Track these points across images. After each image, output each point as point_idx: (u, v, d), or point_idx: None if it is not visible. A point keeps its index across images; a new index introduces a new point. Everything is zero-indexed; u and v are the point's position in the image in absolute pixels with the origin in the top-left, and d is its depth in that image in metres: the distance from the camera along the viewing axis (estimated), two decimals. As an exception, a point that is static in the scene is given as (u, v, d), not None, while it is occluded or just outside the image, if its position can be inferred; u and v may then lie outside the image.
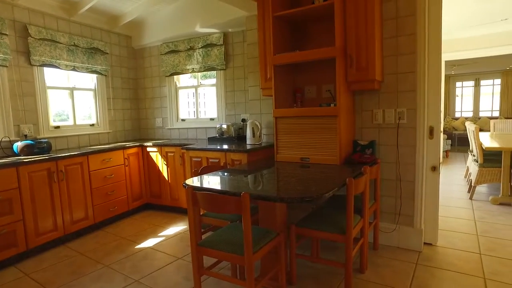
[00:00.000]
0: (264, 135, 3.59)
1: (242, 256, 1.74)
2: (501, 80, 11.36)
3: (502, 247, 2.82)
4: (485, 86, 11.79)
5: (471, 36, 6.59)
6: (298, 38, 3.12)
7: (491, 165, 4.14)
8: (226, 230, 2.04)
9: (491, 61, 9.42)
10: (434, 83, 2.69)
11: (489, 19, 5.44)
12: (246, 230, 1.67)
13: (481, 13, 5.16)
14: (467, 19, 5.44)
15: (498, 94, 11.48)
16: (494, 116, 11.35)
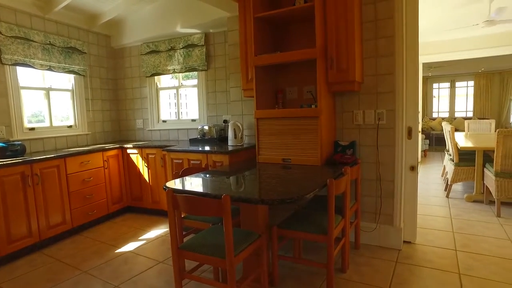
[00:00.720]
0: (246, 136, 3.58)
1: (224, 259, 1.72)
2: (474, 82, 11.79)
3: (475, 243, 2.91)
4: (460, 87, 12.21)
5: (446, 40, 6.81)
6: (279, 39, 3.13)
7: (466, 164, 4.28)
8: (207, 233, 2.01)
9: (465, 64, 9.75)
10: (412, 85, 2.76)
11: (462, 24, 5.63)
12: (227, 232, 1.66)
13: (455, 18, 5.34)
14: (443, 23, 5.62)
15: (472, 95, 11.91)
16: (469, 116, 11.77)
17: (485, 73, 11.51)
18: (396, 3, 2.63)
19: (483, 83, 11.58)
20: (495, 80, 11.46)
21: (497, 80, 11.45)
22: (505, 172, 3.62)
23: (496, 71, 11.35)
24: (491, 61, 9.39)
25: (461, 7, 4.82)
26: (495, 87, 11.50)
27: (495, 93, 11.52)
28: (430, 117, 12.27)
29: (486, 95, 11.59)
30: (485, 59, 8.62)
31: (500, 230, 3.21)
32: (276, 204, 1.66)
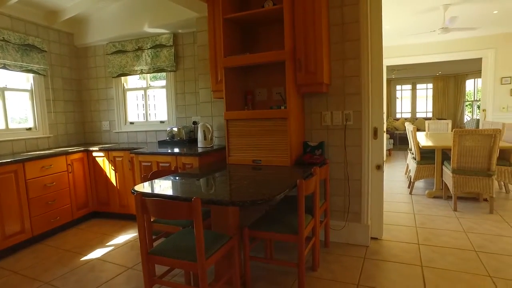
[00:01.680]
0: (215, 138, 3.56)
1: (195, 263, 1.70)
2: (433, 84, 12.47)
3: (436, 237, 3.07)
4: (420, 89, 12.85)
5: (408, 44, 7.15)
6: (248, 41, 3.14)
7: (427, 162, 4.50)
8: (178, 236, 1.98)
9: (425, 67, 10.29)
10: (377, 86, 2.86)
11: (421, 30, 5.95)
12: (198, 235, 1.64)
13: (415, 24, 5.63)
14: (404, 29, 5.89)
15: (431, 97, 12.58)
16: (429, 117, 12.41)
17: (442, 77, 12.20)
18: (361, 8, 2.73)
19: (440, 85, 12.27)
20: (451, 83, 12.17)
21: (452, 83, 12.17)
22: (460, 169, 3.85)
23: (451, 74, 12.06)
24: (447, 65, 9.98)
25: (419, 14, 5.09)
26: (451, 90, 12.21)
27: (451, 95, 12.24)
28: (394, 117, 12.81)
29: (443, 97, 12.28)
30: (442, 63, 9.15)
31: (456, 223, 3.41)
32: (247, 205, 1.66)
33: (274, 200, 1.75)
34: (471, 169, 3.81)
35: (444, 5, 4.68)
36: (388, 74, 10.58)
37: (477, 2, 4.70)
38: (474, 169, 3.80)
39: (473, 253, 2.72)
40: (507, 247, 2.81)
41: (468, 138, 3.76)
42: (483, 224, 3.36)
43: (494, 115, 6.61)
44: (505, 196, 4.41)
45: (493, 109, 6.64)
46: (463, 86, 11.99)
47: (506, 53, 6.48)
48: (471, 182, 3.82)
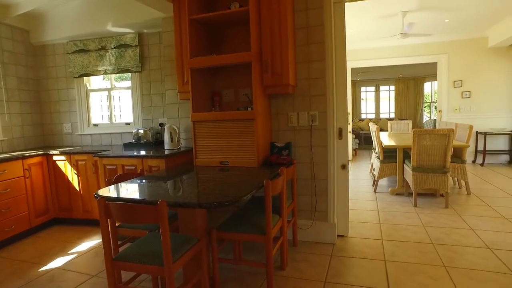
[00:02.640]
0: (182, 140, 3.52)
1: (162, 267, 1.67)
2: (395, 86, 13.05)
3: (398, 232, 3.22)
4: (383, 91, 13.40)
5: (371, 47, 7.44)
6: (215, 42, 3.14)
7: (389, 161, 4.70)
8: (144, 241, 1.94)
9: (387, 70, 10.75)
10: (341, 88, 2.96)
11: (383, 34, 6.21)
12: (165, 239, 1.62)
13: (377, 29, 5.87)
14: (367, 33, 6.13)
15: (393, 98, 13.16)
16: (391, 117, 12.97)
17: (403, 79, 12.80)
18: (325, 12, 2.81)
19: (401, 87, 12.86)
20: (411, 85, 12.80)
21: (412, 85, 12.80)
22: (420, 167, 4.06)
23: (411, 77, 12.69)
24: (407, 68, 10.50)
25: (381, 19, 5.31)
26: (411, 92, 12.84)
27: (411, 97, 12.87)
28: (359, 118, 13.25)
29: (404, 98, 12.89)
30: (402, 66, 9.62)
31: (416, 218, 3.59)
32: (214, 207, 1.66)
33: (241, 201, 1.76)
34: (429, 167, 4.03)
35: (403, 12, 4.92)
36: (353, 76, 10.94)
37: (431, 11, 4.99)
38: (431, 166, 4.02)
39: (430, 245, 2.87)
40: (460, 239, 3.00)
41: (426, 137, 3.97)
42: (440, 218, 3.56)
43: (449, 116, 7.04)
44: (458, 191, 4.70)
45: (447, 110, 7.06)
46: (422, 88, 12.65)
47: (457, 59, 6.94)
48: (429, 179, 4.04)
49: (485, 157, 6.72)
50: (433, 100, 12.26)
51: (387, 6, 4.69)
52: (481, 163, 6.79)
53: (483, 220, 3.48)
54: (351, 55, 7.46)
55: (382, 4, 4.60)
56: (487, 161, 6.87)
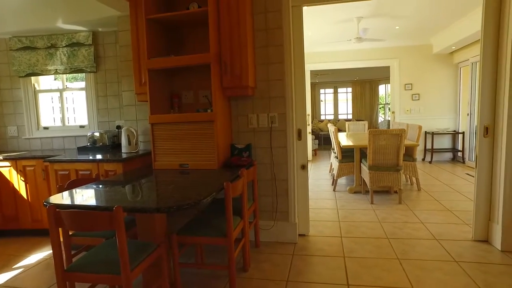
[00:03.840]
0: (141, 143, 3.41)
1: (119, 276, 1.60)
2: (352, 88, 13.60)
3: (356, 228, 3.35)
4: (341, 93, 13.91)
5: (329, 51, 7.69)
6: (174, 43, 3.08)
7: (347, 160, 4.88)
8: (100, 249, 1.85)
9: (344, 73, 11.17)
10: (300, 90, 3.02)
11: (340, 38, 6.45)
12: (122, 247, 1.55)
13: (334, 33, 6.08)
14: (325, 36, 6.33)
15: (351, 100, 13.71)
16: (349, 118, 13.49)
17: (360, 82, 13.38)
18: (283, 14, 2.86)
19: (358, 90, 13.44)
20: (367, 87, 13.42)
21: (368, 88, 13.42)
22: (375, 165, 4.26)
23: (367, 80, 13.30)
24: (363, 71, 10.98)
25: (337, 24, 5.51)
26: (367, 94, 13.46)
27: (367, 99, 13.49)
28: (319, 119, 13.64)
29: (361, 100, 13.47)
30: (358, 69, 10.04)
31: (373, 215, 3.77)
32: (173, 211, 1.63)
33: (201, 204, 1.74)
34: (384, 166, 4.24)
35: (357, 17, 5.14)
36: (312, 79, 11.24)
37: (383, 18, 5.27)
38: (386, 165, 4.23)
39: (385, 240, 3.02)
40: (411, 232, 3.19)
41: (381, 137, 4.18)
42: (394, 214, 3.76)
43: (401, 117, 7.46)
44: (410, 187, 5.00)
45: (400, 112, 7.48)
46: (377, 91, 13.30)
47: (407, 63, 7.39)
48: (384, 177, 4.25)
49: (433, 155, 7.21)
50: (387, 102, 12.93)
51: (343, 12, 4.88)
52: (429, 160, 7.27)
53: (431, 213, 3.72)
54: (310, 58, 7.67)
55: (338, 10, 4.78)
56: (434, 159, 7.36)
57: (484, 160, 2.83)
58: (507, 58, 2.59)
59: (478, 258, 2.61)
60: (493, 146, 2.79)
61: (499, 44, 2.69)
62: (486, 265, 2.51)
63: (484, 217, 2.89)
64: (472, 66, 6.29)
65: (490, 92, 2.76)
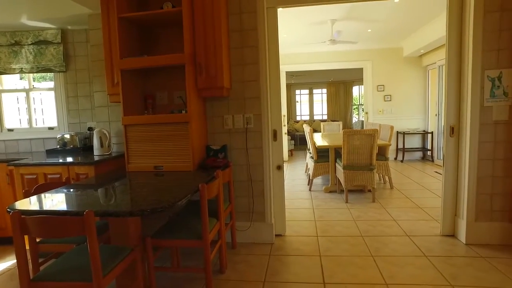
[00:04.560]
0: (114, 145, 3.32)
1: (90, 283, 1.55)
2: (327, 89, 13.84)
3: (332, 227, 3.41)
4: (316, 94, 14.13)
5: (304, 52, 7.79)
6: (148, 42, 3.02)
7: (323, 160, 4.96)
8: (70, 256, 1.78)
9: (319, 74, 11.36)
10: (275, 91, 3.04)
11: (314, 40, 6.55)
12: (93, 252, 1.50)
13: (308, 35, 6.17)
14: (300, 38, 6.40)
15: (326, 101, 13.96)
16: (324, 119, 13.72)
17: (334, 83, 13.64)
18: (258, 16, 2.87)
19: (333, 90, 13.69)
20: (341, 88, 13.70)
21: (342, 89, 13.71)
22: (349, 165, 4.35)
23: (341, 81, 13.58)
24: (337, 73, 11.21)
25: (312, 26, 5.60)
26: (341, 95, 13.75)
27: (342, 99, 13.78)
28: (295, 120, 13.78)
29: (335, 101, 13.74)
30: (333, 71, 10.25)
31: (348, 213, 3.85)
32: (147, 214, 1.59)
33: (176, 207, 1.72)
34: (358, 165, 4.34)
35: (331, 20, 5.24)
36: (287, 79, 11.34)
37: (356, 21, 5.40)
38: (360, 164, 4.34)
39: (360, 238, 3.10)
40: (384, 229, 3.28)
41: (355, 137, 4.27)
42: (368, 212, 3.86)
43: (374, 117, 7.67)
44: (383, 186, 5.15)
45: (373, 112, 7.69)
46: (351, 92, 13.60)
47: (379, 65, 7.62)
48: (358, 176, 4.35)
49: (404, 154, 7.46)
50: (360, 102, 13.25)
51: (317, 14, 4.96)
52: (401, 159, 7.52)
53: (403, 211, 3.85)
54: (286, 59, 7.74)
55: (313, 12, 4.85)
56: (406, 158, 7.62)
57: (451, 159, 2.96)
58: (469, 62, 2.72)
59: (445, 252, 2.72)
60: (458, 145, 2.92)
61: (462, 49, 2.83)
62: (452, 258, 2.62)
63: (451, 213, 3.02)
64: (439, 69, 6.56)
65: (455, 94, 2.89)
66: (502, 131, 2.76)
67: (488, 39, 2.68)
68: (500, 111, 2.73)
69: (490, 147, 2.78)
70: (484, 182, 2.81)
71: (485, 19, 2.67)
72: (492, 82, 2.71)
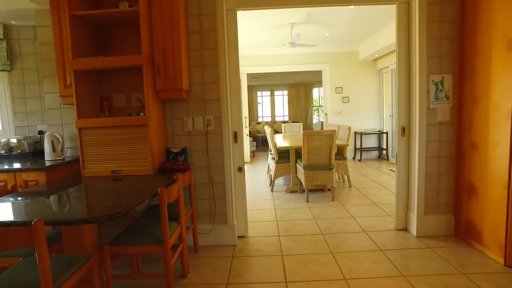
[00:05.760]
0: (68, 149, 3.15)
1: (40, 296, 1.46)
2: (288, 91, 14.11)
3: (293, 227, 3.49)
4: (277, 96, 14.36)
5: (265, 55, 7.89)
6: (104, 43, 2.91)
7: (284, 161, 5.05)
8: (16, 270, 1.66)
9: (280, 76, 11.54)
10: (235, 93, 3.06)
11: (275, 43, 6.66)
12: (43, 264, 1.42)
13: (269, 37, 6.25)
14: (260, 41, 6.47)
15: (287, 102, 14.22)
16: (285, 120, 13.97)
17: (295, 85, 13.94)
18: (218, 18, 2.87)
19: (294, 92, 13.99)
20: (302, 90, 14.04)
21: (303, 91, 14.05)
22: (310, 165, 4.47)
23: (302, 83, 13.91)
24: (298, 75, 11.47)
25: (272, 29, 5.69)
26: (302, 96, 14.09)
27: (302, 101, 14.11)
28: (257, 121, 13.89)
29: (296, 102, 14.05)
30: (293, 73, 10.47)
31: (308, 212, 3.95)
32: (103, 221, 1.53)
33: (135, 212, 1.67)
34: (318, 165, 4.47)
35: (291, 23, 5.36)
36: (249, 81, 11.42)
37: (314, 25, 5.57)
38: (319, 164, 4.47)
39: (320, 236, 3.19)
40: (343, 227, 3.41)
41: (314, 138, 4.40)
42: (328, 210, 3.99)
43: (333, 118, 7.94)
44: (342, 185, 5.35)
45: (332, 113, 7.96)
46: (311, 93, 13.97)
47: (337, 68, 7.91)
48: (318, 176, 4.48)
49: (361, 154, 7.80)
50: (320, 104, 13.66)
51: (277, 17, 5.05)
52: (359, 159, 7.85)
53: (361, 208, 4.03)
54: (247, 61, 7.79)
55: (273, 15, 4.93)
56: (363, 157, 7.97)
57: (402, 157, 3.15)
58: (416, 67, 2.92)
59: (398, 245, 2.89)
60: (409, 144, 3.11)
61: (410, 55, 3.03)
62: (404, 250, 2.79)
63: (403, 208, 3.21)
64: (392, 72, 6.94)
65: (405, 96, 3.08)
66: (445, 131, 2.98)
67: (431, 46, 2.90)
68: (444, 113, 2.96)
69: (435, 146, 2.99)
70: (431, 178, 3.02)
71: (428, 28, 2.88)
72: (436, 86, 2.92)
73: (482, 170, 2.68)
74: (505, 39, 2.39)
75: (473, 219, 2.81)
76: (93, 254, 1.90)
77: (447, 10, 2.87)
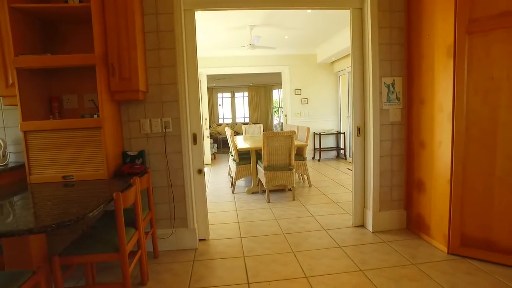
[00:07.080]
0: (11, 154, 2.91)
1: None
2: (248, 93, 14.19)
3: (255, 228, 3.50)
4: (238, 97, 14.38)
5: (225, 56, 7.86)
6: (52, 39, 2.72)
7: (244, 163, 5.06)
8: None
9: (241, 78, 11.57)
10: (193, 94, 3.01)
11: (235, 45, 6.67)
12: (-18, 279, 1.30)
13: (228, 39, 6.25)
14: (220, 42, 6.45)
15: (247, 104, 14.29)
16: (246, 121, 14.02)
17: (255, 86, 14.04)
18: (175, 18, 2.81)
19: (254, 94, 14.09)
20: (262, 92, 14.18)
21: (263, 92, 14.19)
22: (270, 166, 4.52)
23: (262, 85, 14.05)
24: (258, 77, 11.56)
25: (232, 30, 5.68)
26: (262, 98, 14.23)
27: (263, 103, 14.25)
28: (217, 123, 13.81)
29: (257, 104, 14.16)
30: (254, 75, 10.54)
31: (270, 213, 3.99)
32: (52, 230, 1.43)
33: (88, 219, 1.58)
34: (278, 166, 4.53)
35: (250, 25, 5.39)
36: (209, 83, 11.31)
37: (273, 27, 5.65)
38: (279, 165, 4.53)
39: (282, 236, 3.23)
40: (304, 226, 3.49)
41: (274, 139, 4.45)
42: (288, 210, 4.05)
43: (293, 119, 8.10)
44: (303, 184, 5.46)
45: (291, 115, 8.12)
46: (271, 95, 14.15)
47: (296, 70, 8.08)
48: (278, 176, 4.53)
49: (320, 154, 8.03)
50: (280, 105, 13.87)
51: (236, 19, 5.05)
52: (318, 159, 8.07)
53: (320, 207, 4.14)
54: (207, 62, 7.72)
55: (232, 17, 4.93)
56: (322, 157, 8.21)
57: (358, 156, 3.28)
58: (369, 70, 3.06)
59: (356, 241, 3.01)
60: (364, 144, 3.25)
61: (364, 58, 3.17)
62: (362, 246, 2.91)
63: (360, 205, 3.35)
64: (348, 75, 7.23)
65: (360, 98, 3.22)
66: (397, 131, 3.16)
67: (383, 50, 3.06)
68: (395, 113, 3.13)
69: (388, 145, 3.15)
70: (385, 176, 3.18)
71: (379, 34, 3.03)
72: (388, 88, 3.08)
73: (429, 167, 2.87)
74: (445, 46, 2.59)
75: (422, 213, 2.99)
76: (40, 266, 1.76)
77: (396, 18, 3.05)
